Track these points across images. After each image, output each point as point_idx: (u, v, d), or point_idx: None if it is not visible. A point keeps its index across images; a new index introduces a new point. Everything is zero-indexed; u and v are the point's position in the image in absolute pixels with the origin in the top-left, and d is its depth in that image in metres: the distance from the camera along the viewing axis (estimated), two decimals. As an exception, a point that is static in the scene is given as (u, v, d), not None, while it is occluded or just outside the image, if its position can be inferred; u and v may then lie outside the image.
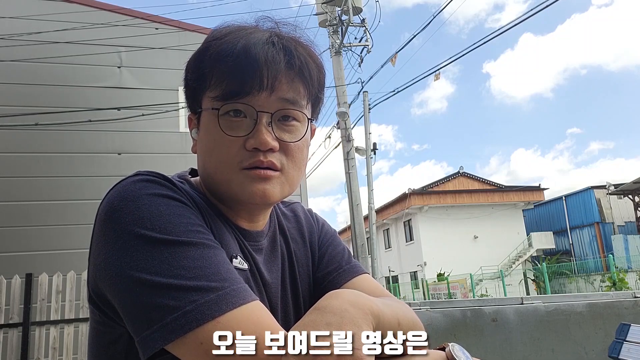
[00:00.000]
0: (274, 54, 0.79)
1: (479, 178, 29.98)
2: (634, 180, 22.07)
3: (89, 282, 0.76)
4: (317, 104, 0.89)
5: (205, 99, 0.82)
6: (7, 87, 6.60)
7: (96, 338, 0.79)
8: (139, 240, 0.67)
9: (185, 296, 0.63)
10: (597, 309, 3.17)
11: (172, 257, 0.66)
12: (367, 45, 12.50)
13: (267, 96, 0.79)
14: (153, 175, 0.76)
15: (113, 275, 0.67)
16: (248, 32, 0.81)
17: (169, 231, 0.68)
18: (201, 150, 0.84)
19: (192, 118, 0.88)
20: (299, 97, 0.82)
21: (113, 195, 0.73)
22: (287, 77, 0.80)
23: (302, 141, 0.84)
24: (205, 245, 0.70)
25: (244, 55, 0.77)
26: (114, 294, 0.68)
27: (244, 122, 0.79)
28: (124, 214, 0.70)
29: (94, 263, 0.73)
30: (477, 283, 22.04)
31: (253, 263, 0.86)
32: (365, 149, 12.60)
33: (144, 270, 0.65)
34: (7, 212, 6.13)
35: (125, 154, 6.66)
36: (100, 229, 0.72)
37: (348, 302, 0.60)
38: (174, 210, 0.71)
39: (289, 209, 1.04)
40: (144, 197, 0.71)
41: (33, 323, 4.92)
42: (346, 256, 1.00)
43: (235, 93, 0.78)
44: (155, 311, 0.63)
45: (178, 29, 7.39)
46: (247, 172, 0.79)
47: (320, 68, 0.86)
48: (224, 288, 0.65)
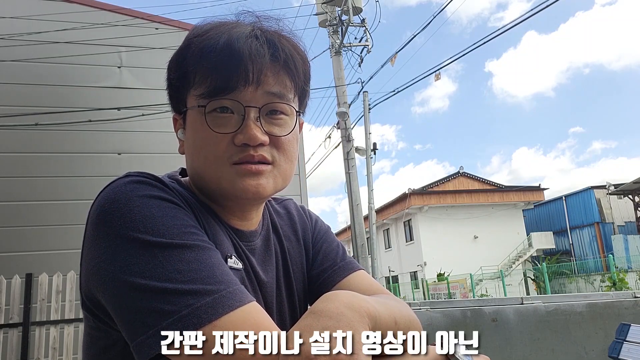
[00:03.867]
0: (257, 47, 0.77)
1: (479, 178, 29.98)
2: (634, 180, 22.06)
3: (81, 287, 0.75)
4: (304, 97, 0.88)
5: (190, 98, 0.81)
6: (7, 87, 6.60)
7: (91, 344, 0.77)
8: (132, 244, 0.66)
9: (181, 300, 0.62)
10: (597, 309, 3.17)
11: (166, 261, 0.65)
12: (367, 45, 12.50)
13: (254, 90, 0.78)
14: (143, 176, 0.75)
15: (106, 279, 0.66)
16: (230, 27, 0.80)
17: (162, 234, 0.67)
18: (189, 150, 0.83)
19: (177, 118, 0.86)
20: (285, 90, 0.81)
21: (104, 197, 0.72)
22: (272, 70, 0.79)
23: (292, 134, 0.83)
24: (200, 247, 0.68)
25: (227, 50, 0.76)
26: (108, 298, 0.67)
27: (232, 118, 0.78)
28: (116, 217, 0.68)
29: (86, 267, 0.71)
30: (477, 283, 22.03)
31: (247, 262, 0.85)
32: (365, 149, 12.60)
33: (137, 275, 0.64)
34: (7, 212, 6.13)
35: (125, 154, 6.65)
36: (91, 233, 0.71)
37: (344, 304, 0.59)
38: (167, 212, 0.70)
39: (281, 206, 1.02)
40: (136, 199, 0.70)
41: (33, 323, 4.91)
42: (340, 253, 0.98)
43: (221, 89, 0.77)
44: (151, 316, 0.62)
45: (178, 29, 7.39)
46: (238, 167, 0.78)
47: (305, 60, 0.85)
48: (220, 291, 0.64)
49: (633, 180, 22.14)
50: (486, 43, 9.33)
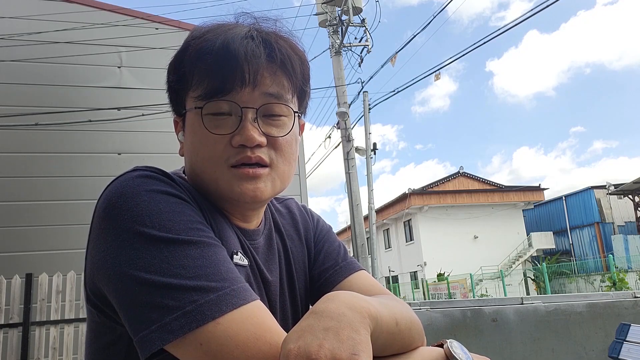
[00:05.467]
0: (253, 48, 0.77)
1: (479, 178, 29.98)
2: (634, 180, 22.06)
3: (86, 281, 0.75)
4: (303, 98, 0.87)
5: (189, 100, 0.81)
6: (7, 87, 6.60)
7: (94, 339, 0.77)
8: (138, 238, 0.66)
9: (185, 296, 0.62)
10: (597, 309, 3.17)
11: (171, 256, 0.65)
12: (367, 45, 12.50)
13: (251, 91, 0.77)
14: (151, 170, 0.75)
15: (111, 273, 0.66)
16: (227, 28, 0.80)
17: (168, 229, 0.67)
18: (187, 151, 0.83)
19: (178, 121, 0.87)
20: (283, 90, 0.80)
21: (111, 191, 0.71)
22: (269, 71, 0.79)
23: (290, 135, 0.82)
24: (206, 243, 0.68)
25: (223, 51, 0.76)
26: (112, 292, 0.67)
27: (229, 120, 0.78)
28: (123, 210, 0.68)
29: (91, 261, 0.71)
30: (477, 283, 22.04)
31: (253, 260, 0.85)
32: (365, 149, 12.60)
33: (143, 269, 0.64)
34: (7, 212, 6.13)
35: (125, 154, 6.65)
36: (98, 226, 0.70)
37: (345, 305, 0.59)
38: (174, 207, 0.70)
39: (282, 205, 1.02)
40: (143, 193, 0.70)
41: (33, 323, 4.91)
42: (342, 253, 0.98)
43: (217, 90, 0.77)
44: (154, 311, 0.62)
45: (178, 29, 7.39)
46: (235, 170, 0.77)
47: (304, 60, 0.84)
48: (224, 288, 0.64)
49: (633, 180, 22.14)
50: (487, 42, 9.31)
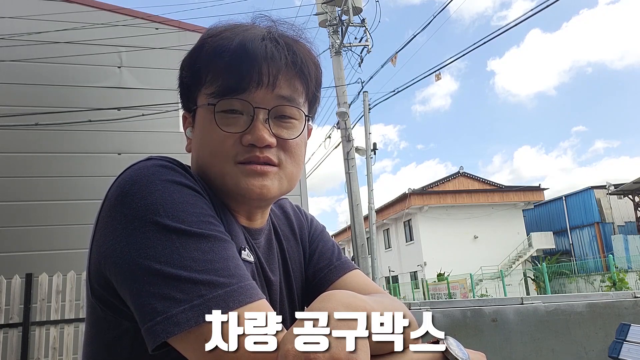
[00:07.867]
0: (273, 50, 0.78)
1: (479, 178, 29.98)
2: (634, 180, 22.06)
3: (90, 272, 0.73)
4: (314, 102, 0.88)
5: (201, 96, 0.81)
6: (7, 87, 6.60)
7: (97, 336, 0.76)
8: (151, 227, 0.65)
9: (194, 289, 0.62)
10: (597, 309, 3.17)
11: (183, 248, 0.64)
12: (367, 45, 12.49)
13: (265, 93, 0.78)
14: (167, 160, 0.74)
15: (121, 261, 0.65)
16: (244, 29, 0.81)
17: (181, 220, 0.66)
18: (195, 147, 0.83)
19: (187, 116, 0.87)
20: (296, 94, 0.81)
21: (125, 179, 0.70)
22: (286, 74, 0.79)
23: (300, 138, 0.83)
24: (217, 237, 0.68)
25: (240, 51, 0.76)
26: (121, 281, 0.66)
27: (241, 119, 0.78)
28: (136, 198, 0.67)
29: (98, 249, 0.70)
30: (477, 283, 22.03)
31: (257, 258, 0.85)
32: (365, 149, 12.60)
33: (153, 259, 0.63)
34: (7, 212, 6.13)
35: (125, 154, 6.65)
36: (109, 214, 0.69)
37: (341, 303, 0.59)
38: (188, 199, 0.70)
39: (276, 206, 1.02)
40: (158, 182, 0.69)
41: (33, 323, 4.92)
42: (336, 252, 0.99)
43: (232, 89, 0.77)
44: (162, 302, 0.61)
45: (178, 29, 7.39)
46: (243, 166, 0.78)
47: (318, 67, 0.85)
48: (232, 284, 0.64)
49: (633, 180, 22.14)
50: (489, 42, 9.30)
